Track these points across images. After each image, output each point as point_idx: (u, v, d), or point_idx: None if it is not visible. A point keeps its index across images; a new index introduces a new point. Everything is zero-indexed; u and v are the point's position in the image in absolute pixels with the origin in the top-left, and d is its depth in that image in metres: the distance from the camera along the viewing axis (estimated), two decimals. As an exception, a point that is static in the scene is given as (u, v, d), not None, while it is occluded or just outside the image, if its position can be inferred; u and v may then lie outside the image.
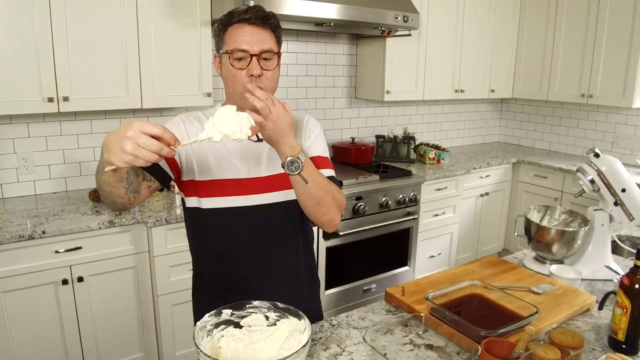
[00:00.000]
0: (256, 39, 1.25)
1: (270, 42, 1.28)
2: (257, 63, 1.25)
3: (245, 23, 1.25)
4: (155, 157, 0.96)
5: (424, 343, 1.30)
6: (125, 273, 2.37)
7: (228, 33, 1.27)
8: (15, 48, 2.19)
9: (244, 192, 1.34)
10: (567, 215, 1.92)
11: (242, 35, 1.25)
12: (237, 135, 1.07)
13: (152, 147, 0.94)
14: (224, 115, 1.07)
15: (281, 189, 1.38)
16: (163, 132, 0.96)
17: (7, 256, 2.09)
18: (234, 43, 1.25)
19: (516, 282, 1.62)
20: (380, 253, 3.23)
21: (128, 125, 0.95)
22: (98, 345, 2.37)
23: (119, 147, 0.94)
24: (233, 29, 1.26)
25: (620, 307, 1.28)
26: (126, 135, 0.93)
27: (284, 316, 1.21)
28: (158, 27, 2.51)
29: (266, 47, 1.26)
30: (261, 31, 1.26)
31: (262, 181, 1.36)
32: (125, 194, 1.18)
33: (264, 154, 1.37)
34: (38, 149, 2.64)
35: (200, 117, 1.39)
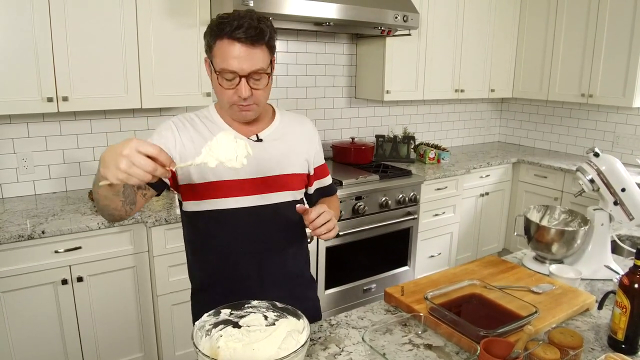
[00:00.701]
0: (245, 59, 1.20)
1: (262, 60, 1.23)
2: (246, 84, 1.23)
3: (235, 41, 1.19)
4: (149, 177, 0.96)
5: (423, 343, 1.30)
6: (124, 273, 2.37)
7: (217, 46, 1.22)
8: (15, 48, 2.19)
9: (243, 194, 1.34)
10: (566, 215, 1.91)
11: (232, 53, 1.20)
12: (232, 164, 1.06)
13: (146, 167, 0.94)
14: (222, 142, 1.05)
15: (280, 190, 1.38)
16: (159, 153, 0.96)
17: (6, 256, 2.09)
18: (223, 62, 1.21)
19: (516, 281, 1.61)
20: (380, 253, 3.23)
21: (125, 142, 0.95)
22: (98, 345, 2.37)
23: (114, 164, 0.94)
24: (223, 44, 1.21)
25: (619, 307, 1.28)
26: (122, 153, 0.93)
27: (283, 316, 1.21)
28: (157, 27, 2.51)
29: (256, 67, 1.22)
30: (252, 51, 1.21)
31: (261, 182, 1.35)
32: (122, 206, 1.19)
33: (264, 155, 1.37)
34: (38, 149, 2.64)
35: (194, 119, 1.37)
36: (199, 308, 1.19)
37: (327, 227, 1.26)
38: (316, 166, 1.51)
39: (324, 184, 1.56)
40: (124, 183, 0.97)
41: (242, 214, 1.35)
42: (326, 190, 1.58)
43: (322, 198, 1.58)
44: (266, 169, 1.36)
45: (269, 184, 1.36)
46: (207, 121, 1.37)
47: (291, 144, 1.42)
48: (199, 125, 1.36)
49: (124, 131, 2.85)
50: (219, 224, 1.36)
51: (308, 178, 1.50)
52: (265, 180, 1.35)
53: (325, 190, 1.57)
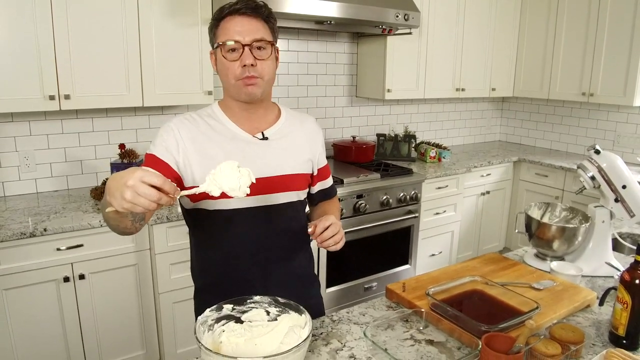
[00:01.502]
0: (247, 29, 1.25)
1: (263, 31, 1.27)
2: (250, 53, 1.25)
3: (236, 14, 1.25)
4: (154, 206, 0.97)
5: (424, 338, 1.30)
6: (126, 271, 2.38)
7: (220, 27, 1.27)
8: (17, 46, 2.19)
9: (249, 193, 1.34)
10: (567, 212, 1.92)
11: (234, 26, 1.25)
12: (235, 193, 1.07)
13: (150, 197, 0.95)
14: (225, 171, 1.06)
15: (285, 190, 1.38)
16: (163, 182, 0.97)
17: (8, 254, 2.10)
18: (226, 35, 1.25)
19: (517, 278, 1.62)
20: (381, 251, 3.23)
21: (130, 172, 0.96)
22: (99, 343, 2.37)
23: (119, 194, 0.96)
24: (225, 22, 1.26)
25: (620, 303, 1.28)
26: (127, 183, 0.95)
27: (285, 311, 1.21)
28: (159, 26, 2.52)
29: (258, 36, 1.25)
30: (252, 21, 1.26)
31: (266, 182, 1.33)
32: (132, 224, 1.19)
33: (269, 154, 1.36)
34: (39, 147, 2.65)
35: (195, 118, 1.36)
36: (202, 308, 1.20)
37: (335, 239, 1.27)
38: (320, 167, 1.51)
39: (326, 185, 1.56)
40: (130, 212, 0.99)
41: (245, 215, 1.34)
42: (328, 192, 1.57)
43: (323, 200, 1.57)
44: (271, 169, 1.35)
45: (273, 184, 1.35)
46: (209, 119, 1.36)
47: (296, 143, 1.42)
48: (201, 124, 1.34)
49: (125, 129, 2.86)
50: (222, 225, 1.35)
51: (311, 178, 1.50)
52: (270, 180, 1.34)
53: (327, 192, 1.57)
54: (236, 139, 1.34)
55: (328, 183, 1.57)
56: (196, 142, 1.31)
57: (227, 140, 1.33)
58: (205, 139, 1.32)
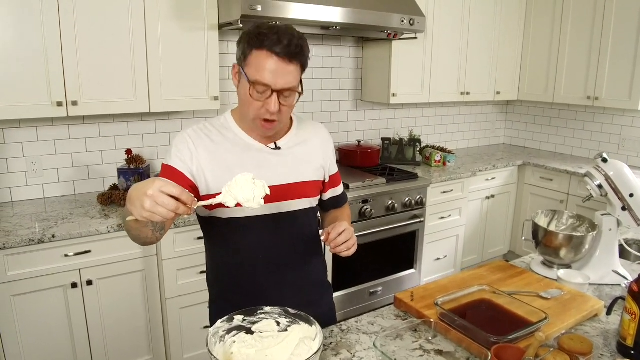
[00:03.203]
0: (281, 74, 1.21)
1: (295, 78, 1.24)
2: (277, 99, 1.23)
3: (274, 54, 1.19)
4: (172, 215, 1.01)
5: (433, 348, 1.31)
6: (133, 276, 2.39)
7: (254, 56, 1.22)
8: (25, 53, 2.21)
9: None
10: (574, 220, 1.92)
11: (269, 65, 1.20)
12: (250, 204, 1.09)
13: (169, 207, 0.99)
14: (240, 183, 1.09)
15: (298, 198, 1.39)
16: (181, 193, 1.01)
17: (17, 260, 2.11)
18: (258, 73, 1.21)
19: (524, 287, 1.62)
20: (387, 256, 3.24)
21: (150, 183, 1.00)
22: (107, 348, 2.39)
23: (139, 203, 1.00)
24: (260, 55, 1.21)
25: (629, 313, 1.28)
26: (147, 193, 0.99)
27: (295, 322, 1.22)
28: (166, 31, 2.53)
29: (289, 85, 1.23)
30: (288, 67, 1.21)
31: (280, 189, 1.34)
32: (152, 234, 1.21)
33: (282, 163, 1.38)
34: (47, 152, 2.66)
35: (209, 129, 1.37)
36: (218, 316, 1.21)
37: (347, 245, 1.29)
38: (331, 174, 1.53)
39: (337, 192, 1.58)
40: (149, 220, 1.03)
41: (260, 222, 1.35)
42: (339, 199, 1.59)
43: (334, 207, 1.59)
44: (283, 177, 1.36)
45: (286, 191, 1.36)
46: (223, 129, 1.37)
47: (307, 151, 1.44)
48: (215, 135, 1.35)
49: (132, 134, 2.87)
50: (237, 232, 1.36)
51: (323, 185, 1.51)
52: (283, 188, 1.35)
53: (338, 199, 1.59)
54: (249, 148, 1.36)
55: (339, 190, 1.58)
56: (210, 152, 1.32)
57: (240, 150, 1.35)
58: (218, 148, 1.33)
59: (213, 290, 1.50)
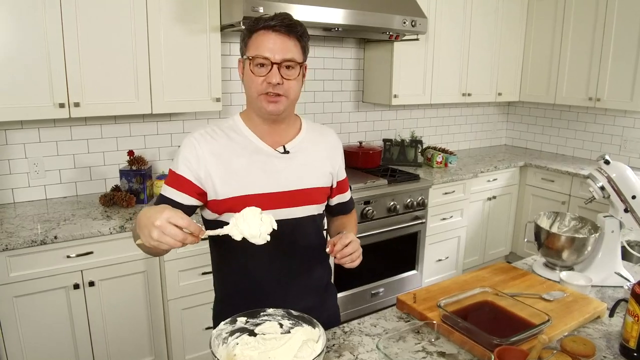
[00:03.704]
0: (279, 47, 1.23)
1: (294, 51, 1.26)
2: (277, 71, 1.24)
3: (270, 30, 1.23)
4: (179, 245, 1.04)
5: (436, 350, 1.31)
6: (135, 277, 2.39)
7: (252, 39, 1.26)
8: (28, 55, 2.21)
9: (267, 207, 1.29)
10: (577, 222, 1.92)
11: (266, 42, 1.23)
12: (255, 240, 1.11)
13: (176, 237, 1.02)
14: (247, 217, 1.09)
15: (305, 204, 1.37)
16: (188, 224, 1.03)
17: (19, 261, 2.11)
18: (257, 49, 1.24)
19: (527, 289, 1.62)
20: (388, 257, 3.24)
21: (159, 212, 1.03)
22: (109, 349, 2.39)
23: (147, 231, 1.03)
24: (258, 35, 1.25)
25: (631, 315, 1.28)
26: (154, 223, 1.01)
27: (298, 324, 1.22)
28: (168, 33, 2.53)
29: (288, 56, 1.24)
30: (285, 39, 1.24)
31: (286, 196, 1.34)
32: (163, 251, 1.21)
33: (289, 168, 1.36)
34: (49, 153, 2.67)
35: (216, 131, 1.35)
36: (220, 317, 1.22)
37: (352, 257, 1.29)
38: (339, 180, 1.52)
39: (345, 198, 1.57)
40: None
41: None
42: (346, 205, 1.58)
43: (341, 213, 1.58)
44: (291, 183, 1.35)
45: (293, 197, 1.35)
46: (231, 132, 1.36)
47: (316, 157, 1.42)
48: (222, 137, 1.34)
49: (134, 136, 2.87)
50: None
51: (330, 190, 1.50)
52: (290, 194, 1.34)
53: (345, 205, 1.58)
54: (257, 152, 1.34)
55: (347, 196, 1.57)
56: (217, 155, 1.31)
57: (248, 153, 1.33)
58: (226, 152, 1.32)
59: (218, 292, 1.49)
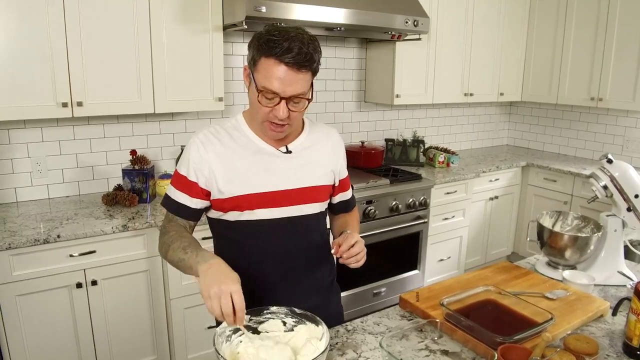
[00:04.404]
0: (289, 82, 1.19)
1: (304, 85, 1.22)
2: (285, 106, 1.22)
3: (282, 64, 1.17)
4: (219, 317, 1.10)
5: (439, 349, 1.31)
6: (138, 277, 2.39)
7: (262, 63, 1.20)
8: (31, 54, 2.22)
9: (270, 205, 1.34)
10: (579, 221, 1.92)
11: (277, 74, 1.18)
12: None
13: (225, 309, 1.09)
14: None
15: (308, 202, 1.39)
16: (240, 309, 1.10)
17: (22, 260, 2.12)
18: (266, 81, 1.20)
19: (529, 287, 1.62)
20: (390, 257, 3.24)
21: (230, 279, 1.11)
22: (111, 348, 2.39)
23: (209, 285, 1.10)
24: (269, 62, 1.18)
25: (635, 314, 1.28)
26: (220, 287, 1.09)
27: (302, 322, 1.23)
28: (170, 33, 2.54)
29: (298, 91, 1.21)
30: (297, 75, 1.19)
31: (289, 194, 1.35)
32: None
33: (291, 167, 1.37)
34: (51, 153, 2.67)
35: (220, 132, 1.36)
36: None
37: (357, 258, 1.28)
38: (341, 178, 1.52)
39: (346, 196, 1.58)
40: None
41: (269, 226, 1.35)
42: (348, 203, 1.59)
43: (343, 211, 1.59)
44: (294, 181, 1.36)
45: (296, 196, 1.36)
46: (234, 132, 1.37)
47: (318, 156, 1.43)
48: (225, 138, 1.35)
49: (136, 135, 2.88)
50: (246, 235, 1.36)
51: (333, 189, 1.51)
52: (293, 193, 1.36)
53: (347, 203, 1.59)
54: (260, 152, 1.35)
55: (348, 194, 1.58)
56: (220, 155, 1.33)
57: (251, 153, 1.34)
58: (229, 152, 1.33)
59: None
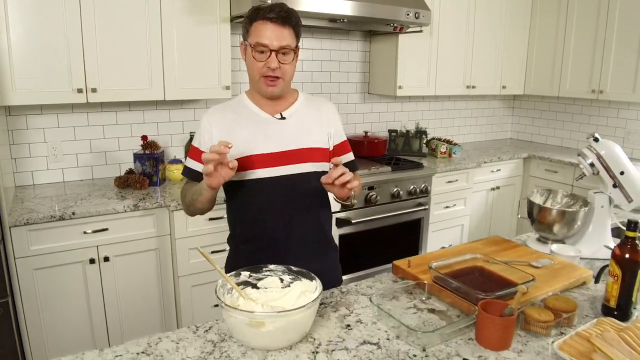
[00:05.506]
0: (276, 36, 1.43)
1: (289, 38, 1.45)
2: (275, 57, 1.44)
3: (268, 21, 1.42)
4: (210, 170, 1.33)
5: (427, 307, 1.40)
6: (148, 254, 2.51)
7: (253, 27, 1.45)
8: (48, 43, 2.35)
9: (269, 165, 1.52)
10: (569, 199, 2.00)
11: (265, 31, 1.43)
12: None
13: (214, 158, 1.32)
14: None
15: (302, 162, 1.55)
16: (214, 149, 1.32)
17: (39, 235, 2.24)
18: (257, 38, 1.44)
19: (517, 257, 1.70)
20: (392, 243, 3.32)
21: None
22: (122, 322, 2.51)
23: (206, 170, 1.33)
24: (257, 24, 1.44)
25: (612, 276, 1.36)
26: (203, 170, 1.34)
27: (297, 278, 1.33)
28: (180, 24, 2.65)
29: (284, 43, 1.44)
30: (281, 29, 1.43)
31: (284, 155, 1.53)
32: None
33: (287, 130, 1.55)
34: (66, 138, 2.80)
35: (225, 107, 1.60)
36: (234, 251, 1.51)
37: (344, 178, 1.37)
38: (336, 144, 1.67)
39: (345, 159, 1.69)
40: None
41: (270, 182, 1.53)
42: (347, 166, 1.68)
43: None
44: (288, 143, 1.54)
45: (291, 156, 1.54)
46: (237, 106, 1.59)
47: (311, 121, 1.60)
48: (228, 111, 1.58)
49: (147, 122, 3.00)
50: (250, 191, 1.55)
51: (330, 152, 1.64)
52: (288, 153, 1.53)
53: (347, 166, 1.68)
54: (259, 120, 1.55)
55: (346, 158, 1.70)
56: (223, 126, 1.55)
57: (251, 122, 1.55)
58: (231, 122, 1.55)
59: (231, 231, 1.68)
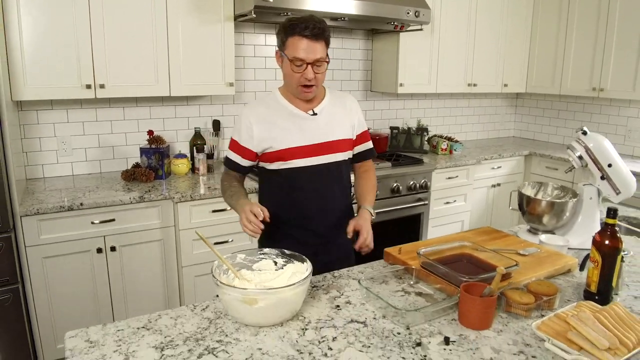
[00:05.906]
0: (312, 50, 1.60)
1: (322, 51, 1.63)
2: (311, 69, 1.62)
3: (304, 38, 1.59)
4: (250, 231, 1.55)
5: (414, 291, 1.47)
6: (153, 245, 2.59)
7: (289, 41, 1.62)
8: (58, 40, 2.44)
9: (304, 156, 1.72)
10: (559, 191, 2.05)
11: (301, 45, 1.60)
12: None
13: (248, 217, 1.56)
14: None
15: (332, 152, 1.76)
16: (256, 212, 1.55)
17: (49, 225, 2.33)
18: (294, 52, 1.61)
19: (505, 246, 1.76)
20: (392, 237, 3.35)
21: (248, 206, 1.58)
22: (127, 310, 2.59)
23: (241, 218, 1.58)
24: (294, 39, 1.61)
25: (592, 262, 1.42)
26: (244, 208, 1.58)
27: (290, 261, 1.40)
28: (185, 22, 2.74)
29: (319, 56, 1.62)
30: (316, 44, 1.60)
31: (317, 147, 1.73)
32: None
33: (318, 126, 1.74)
34: (76, 133, 2.89)
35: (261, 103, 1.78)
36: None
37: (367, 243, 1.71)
38: (358, 133, 1.87)
39: (364, 148, 1.91)
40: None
41: (303, 172, 1.74)
42: (365, 154, 1.93)
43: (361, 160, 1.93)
44: (320, 136, 1.74)
45: (323, 147, 1.75)
46: (271, 102, 1.77)
47: (337, 116, 1.80)
48: (264, 107, 1.76)
49: (153, 118, 3.08)
50: (286, 178, 1.75)
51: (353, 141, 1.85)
52: (320, 146, 1.74)
53: (364, 154, 1.93)
54: (293, 115, 1.74)
55: (364, 147, 1.92)
56: (260, 120, 1.73)
57: (286, 117, 1.73)
58: (268, 117, 1.73)
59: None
